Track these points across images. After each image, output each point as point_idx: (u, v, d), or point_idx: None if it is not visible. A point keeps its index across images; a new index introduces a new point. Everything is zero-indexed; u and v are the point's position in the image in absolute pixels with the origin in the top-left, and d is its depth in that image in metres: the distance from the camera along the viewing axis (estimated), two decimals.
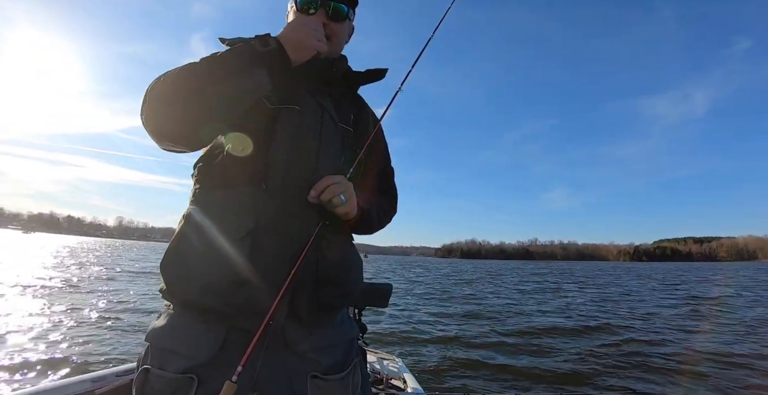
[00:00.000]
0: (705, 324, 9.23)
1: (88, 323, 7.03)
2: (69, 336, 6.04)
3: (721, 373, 5.29)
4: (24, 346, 5.42)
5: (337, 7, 1.05)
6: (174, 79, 0.84)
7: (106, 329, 6.70)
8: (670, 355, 6.20)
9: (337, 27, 1.07)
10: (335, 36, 1.07)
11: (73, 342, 5.80)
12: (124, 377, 1.92)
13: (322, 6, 1.04)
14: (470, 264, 70.84)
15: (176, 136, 0.88)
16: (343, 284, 0.98)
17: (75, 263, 22.12)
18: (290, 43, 0.90)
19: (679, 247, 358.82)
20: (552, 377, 5.17)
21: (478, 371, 5.35)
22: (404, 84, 1.16)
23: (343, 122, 1.06)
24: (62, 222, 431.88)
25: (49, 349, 5.37)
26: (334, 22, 1.06)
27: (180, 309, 0.91)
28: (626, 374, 5.32)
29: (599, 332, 8.10)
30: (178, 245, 0.89)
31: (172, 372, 0.83)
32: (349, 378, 0.97)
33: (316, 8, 1.04)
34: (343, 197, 0.92)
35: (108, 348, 5.62)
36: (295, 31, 0.92)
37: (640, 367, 5.63)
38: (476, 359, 5.88)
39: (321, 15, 1.04)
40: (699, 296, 16.06)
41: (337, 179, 0.93)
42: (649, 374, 5.32)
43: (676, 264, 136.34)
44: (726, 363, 5.77)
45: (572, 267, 61.52)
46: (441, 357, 5.92)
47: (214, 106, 0.85)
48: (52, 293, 10.09)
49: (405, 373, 2.73)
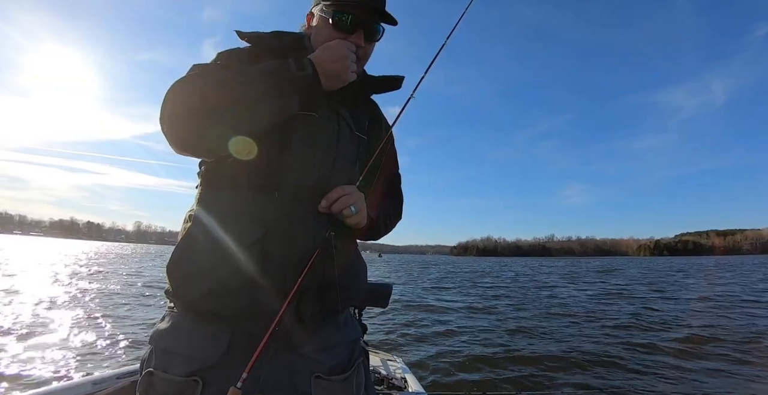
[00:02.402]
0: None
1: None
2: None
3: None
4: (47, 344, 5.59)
5: (375, 27, 1.00)
6: (202, 92, 0.82)
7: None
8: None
9: (370, 47, 1.03)
10: (366, 57, 1.04)
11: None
12: (125, 379, 1.87)
13: (361, 27, 0.97)
14: (491, 263, 67.16)
15: (198, 148, 0.88)
16: (348, 290, 0.98)
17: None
18: (327, 72, 0.88)
19: (701, 241, 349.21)
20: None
21: (481, 371, 5.29)
22: (416, 91, 1.12)
23: (359, 130, 1.06)
24: (82, 228, 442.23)
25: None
26: (369, 43, 1.02)
27: (184, 311, 0.90)
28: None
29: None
30: (185, 247, 0.89)
31: (177, 375, 0.83)
32: (353, 378, 0.98)
33: (355, 29, 0.97)
34: (354, 208, 0.92)
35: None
36: (335, 61, 0.89)
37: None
38: (483, 358, 5.83)
39: (360, 37, 0.98)
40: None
41: (349, 190, 0.93)
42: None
43: (715, 258, 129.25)
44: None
45: (611, 263, 56.87)
46: (442, 358, 5.86)
47: (241, 125, 0.84)
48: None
49: (406, 373, 2.71)
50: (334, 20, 0.96)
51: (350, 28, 0.96)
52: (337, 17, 0.96)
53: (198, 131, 0.82)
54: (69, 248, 67.39)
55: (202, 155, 0.92)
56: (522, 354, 6.16)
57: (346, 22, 0.96)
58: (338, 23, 0.96)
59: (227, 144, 0.84)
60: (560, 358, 5.91)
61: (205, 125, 0.81)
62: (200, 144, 0.85)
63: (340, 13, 0.96)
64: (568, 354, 6.13)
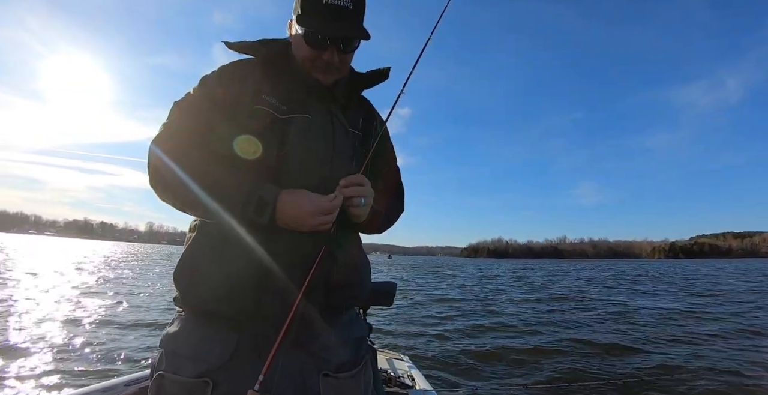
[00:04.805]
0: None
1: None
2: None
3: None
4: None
5: (350, 42, 1.02)
6: (169, 181, 0.90)
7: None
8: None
9: (348, 57, 1.05)
10: (345, 65, 1.06)
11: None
12: (134, 386, 1.87)
13: (334, 43, 0.99)
14: (509, 264, 64.74)
15: (172, 205, 0.95)
16: (353, 287, 1.02)
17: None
18: (287, 221, 0.88)
19: (717, 243, 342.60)
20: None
21: (488, 369, 5.21)
22: (406, 87, 1.16)
23: (353, 127, 1.09)
24: (96, 228, 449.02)
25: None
26: (345, 54, 1.03)
27: (192, 314, 0.93)
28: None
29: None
30: (190, 254, 0.93)
31: (187, 376, 0.85)
32: (361, 375, 1.00)
33: (326, 46, 0.99)
34: (364, 200, 0.95)
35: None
36: (299, 218, 0.88)
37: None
38: (491, 355, 5.78)
39: (332, 53, 1.00)
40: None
41: (366, 183, 0.96)
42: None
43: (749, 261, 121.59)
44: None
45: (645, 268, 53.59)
46: (451, 356, 5.78)
47: (193, 213, 0.96)
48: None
49: (413, 371, 2.70)
50: (306, 38, 0.99)
51: (322, 45, 0.99)
52: (308, 35, 0.98)
53: (174, 202, 0.93)
54: (81, 248, 68.09)
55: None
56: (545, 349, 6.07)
57: (318, 41, 0.98)
58: (310, 42, 0.99)
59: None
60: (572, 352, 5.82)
61: (171, 199, 0.93)
62: (172, 204, 0.94)
63: (312, 32, 0.98)
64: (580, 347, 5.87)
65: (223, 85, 0.99)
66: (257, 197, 0.86)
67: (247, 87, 0.99)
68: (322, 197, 0.90)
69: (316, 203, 0.88)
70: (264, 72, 1.03)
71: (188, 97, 0.99)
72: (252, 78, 1.01)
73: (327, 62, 1.00)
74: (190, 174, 0.87)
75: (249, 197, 0.86)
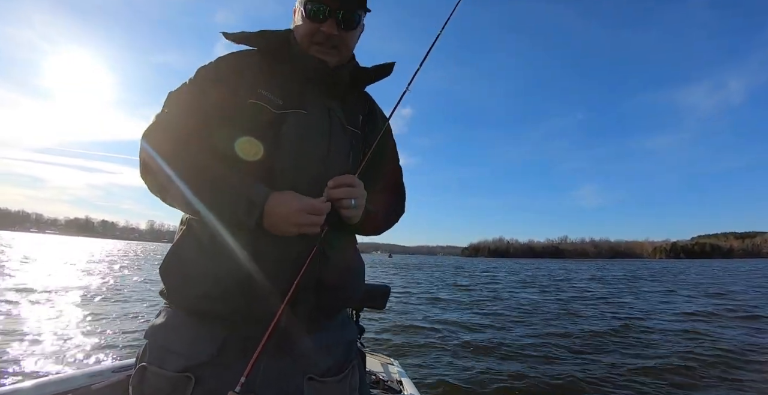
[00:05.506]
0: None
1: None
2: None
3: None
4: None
5: (349, 16, 0.99)
6: (162, 181, 0.88)
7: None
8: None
9: (348, 35, 1.02)
10: (345, 45, 1.03)
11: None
12: (121, 373, 1.81)
13: (332, 16, 0.98)
14: (513, 265, 63.56)
15: (162, 200, 0.94)
16: (345, 289, 0.99)
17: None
18: (276, 220, 0.84)
19: (719, 243, 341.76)
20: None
21: (482, 377, 5.06)
22: (411, 84, 1.12)
23: (351, 125, 1.06)
24: (97, 226, 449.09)
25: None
26: (345, 32, 1.01)
27: (179, 309, 0.92)
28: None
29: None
30: (178, 251, 0.91)
31: (170, 370, 0.83)
32: (347, 380, 0.98)
33: (326, 18, 0.98)
34: (354, 202, 0.91)
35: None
36: (288, 220, 0.84)
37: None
38: (488, 367, 5.53)
39: (331, 25, 0.98)
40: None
41: (357, 184, 0.93)
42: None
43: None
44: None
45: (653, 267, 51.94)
46: (443, 362, 5.70)
47: (182, 209, 0.94)
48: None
49: (403, 377, 2.62)
50: (306, 10, 0.98)
51: (319, 14, 0.97)
52: (308, 7, 0.98)
53: (152, 191, 0.93)
54: (85, 246, 68.56)
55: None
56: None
57: (317, 12, 0.97)
58: (309, 13, 0.98)
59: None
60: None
61: (157, 192, 0.92)
62: (160, 198, 0.93)
63: (312, 2, 0.97)
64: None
65: (219, 77, 0.97)
66: (246, 198, 0.84)
67: (244, 80, 0.96)
68: (312, 198, 0.88)
69: (306, 201, 0.86)
70: (262, 64, 1.00)
71: (183, 88, 0.97)
72: (250, 71, 0.98)
73: (326, 35, 0.98)
74: (177, 170, 0.85)
75: (237, 198, 0.84)
